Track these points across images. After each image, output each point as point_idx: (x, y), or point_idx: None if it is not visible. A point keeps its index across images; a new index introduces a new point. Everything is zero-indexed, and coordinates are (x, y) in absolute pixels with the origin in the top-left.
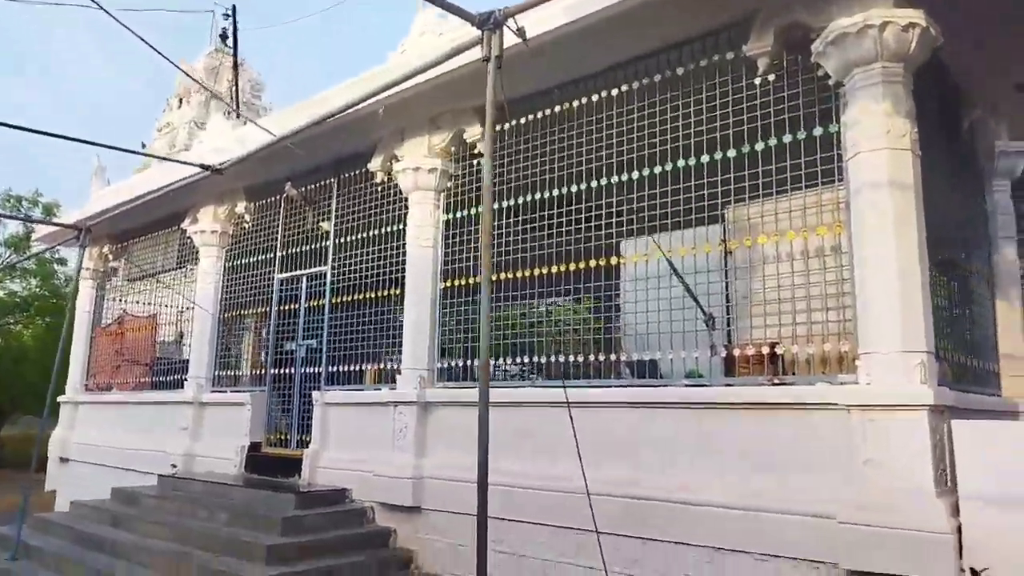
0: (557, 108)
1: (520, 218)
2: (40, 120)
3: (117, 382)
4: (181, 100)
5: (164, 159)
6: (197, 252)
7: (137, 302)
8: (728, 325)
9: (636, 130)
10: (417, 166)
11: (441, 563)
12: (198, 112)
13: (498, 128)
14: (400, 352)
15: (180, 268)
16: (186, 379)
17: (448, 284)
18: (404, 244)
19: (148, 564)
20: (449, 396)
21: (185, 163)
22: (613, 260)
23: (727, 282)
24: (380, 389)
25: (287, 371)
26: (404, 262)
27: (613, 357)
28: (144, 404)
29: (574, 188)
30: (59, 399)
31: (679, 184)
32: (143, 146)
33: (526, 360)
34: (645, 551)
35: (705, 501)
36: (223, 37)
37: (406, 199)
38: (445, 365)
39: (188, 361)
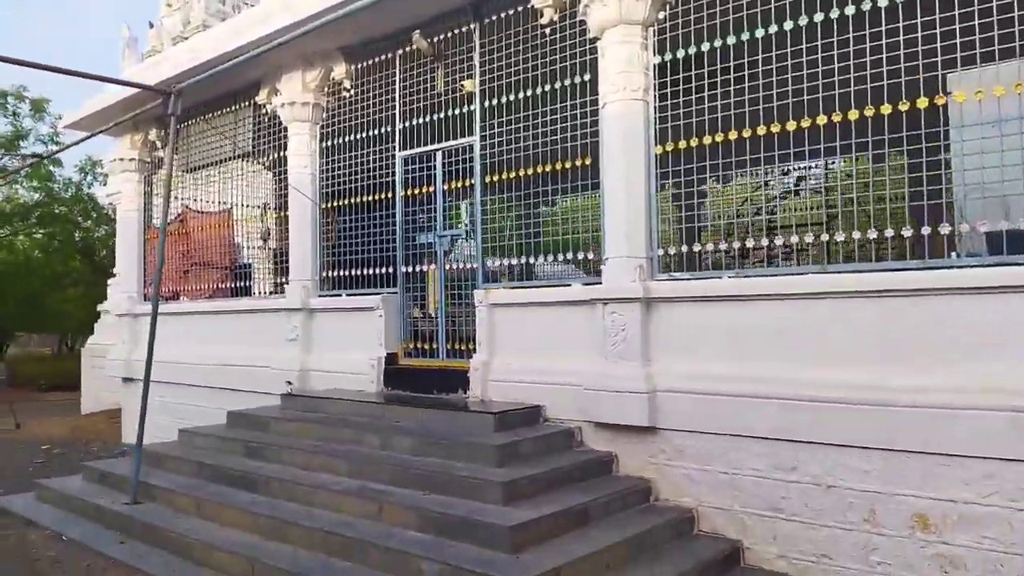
0: None
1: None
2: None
3: (186, 289)
4: None
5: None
6: (282, 132)
7: (194, 198)
8: None
9: None
10: None
11: (694, 494)
12: None
13: None
14: (596, 239)
15: (255, 153)
16: (286, 282)
17: (665, 149)
18: (594, 99)
19: (333, 505)
20: (684, 290)
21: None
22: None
23: None
24: (571, 285)
25: (420, 268)
26: (597, 123)
27: (946, 229)
28: (229, 313)
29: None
30: (100, 308)
31: None
32: (151, 26)
33: (793, 240)
34: None
35: None
36: None
37: (595, 40)
38: (672, 252)
39: (284, 262)
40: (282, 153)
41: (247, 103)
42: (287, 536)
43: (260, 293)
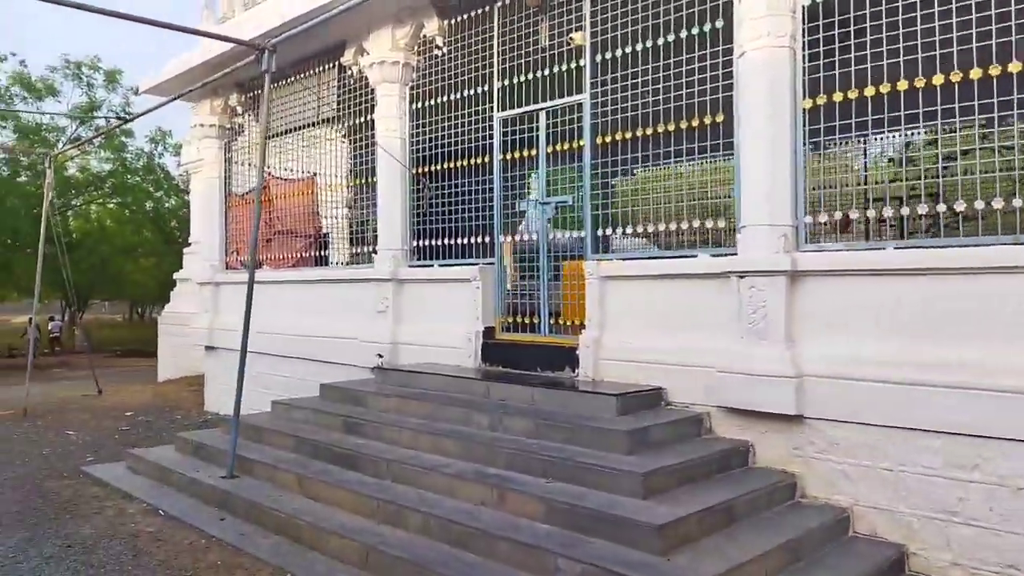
0: None
1: None
2: None
3: (269, 258)
4: None
5: None
6: (369, 94)
7: (276, 165)
8: None
9: None
10: None
11: (849, 492)
12: None
13: None
14: (723, 207)
15: (339, 118)
16: (374, 251)
17: (816, 103)
18: (726, 48)
19: (446, 489)
20: (841, 263)
21: None
22: None
23: None
24: (696, 256)
25: (519, 238)
26: (730, 75)
27: None
28: (314, 283)
29: None
30: (177, 277)
31: None
32: None
33: (979, 206)
34: None
35: None
36: None
37: None
38: (822, 220)
39: (370, 231)
40: (369, 117)
41: (331, 65)
42: (401, 521)
43: (338, 263)
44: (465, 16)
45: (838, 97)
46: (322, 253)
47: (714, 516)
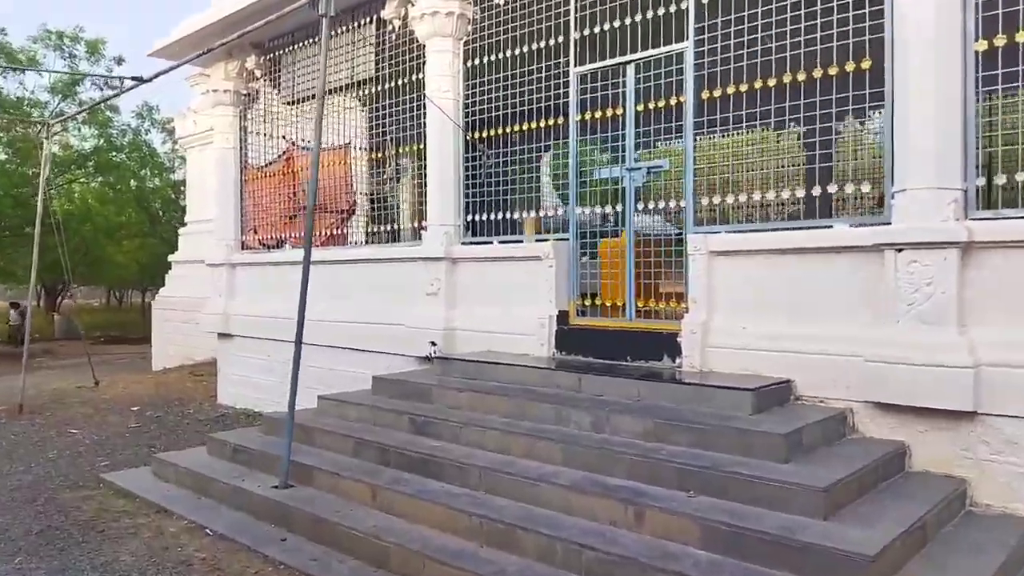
0: None
1: None
2: None
3: (294, 236)
4: None
5: None
6: (414, 52)
7: (302, 134)
8: None
9: None
10: None
11: None
12: None
13: None
14: (862, 169)
15: (379, 79)
16: (421, 228)
17: (993, 44)
18: None
19: (561, 504)
20: None
21: None
22: None
23: None
24: (831, 227)
25: (600, 210)
26: (878, 14)
27: None
28: (349, 263)
29: None
30: (173, 259)
31: None
32: None
33: None
34: None
35: None
36: None
37: None
38: (999, 183)
39: (415, 205)
40: (414, 77)
41: (368, 20)
42: (514, 545)
43: (375, 241)
44: None
45: (1021, 38)
46: (356, 230)
47: (912, 538)
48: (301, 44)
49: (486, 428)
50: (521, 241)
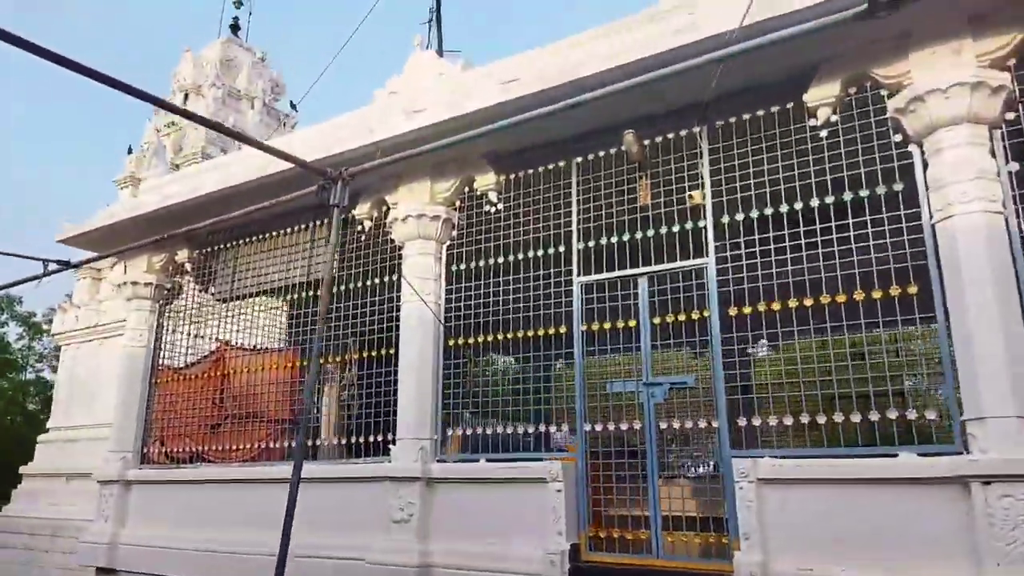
0: None
1: None
2: None
3: (215, 449)
4: (187, 94)
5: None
6: (388, 252)
7: (216, 337)
8: None
9: None
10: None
11: None
12: (216, 108)
13: None
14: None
15: (346, 278)
16: (392, 442)
17: None
18: (910, 213)
19: None
20: None
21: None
22: None
23: None
24: (897, 455)
25: (609, 426)
26: (918, 241)
27: None
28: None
29: None
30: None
31: None
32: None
33: None
34: None
35: None
36: (234, 28)
37: (905, 143)
38: None
39: (380, 416)
40: (386, 278)
41: (317, 222)
42: None
43: (325, 457)
44: (522, 173)
45: None
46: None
47: None
48: (247, 240)
49: None
50: (523, 460)
